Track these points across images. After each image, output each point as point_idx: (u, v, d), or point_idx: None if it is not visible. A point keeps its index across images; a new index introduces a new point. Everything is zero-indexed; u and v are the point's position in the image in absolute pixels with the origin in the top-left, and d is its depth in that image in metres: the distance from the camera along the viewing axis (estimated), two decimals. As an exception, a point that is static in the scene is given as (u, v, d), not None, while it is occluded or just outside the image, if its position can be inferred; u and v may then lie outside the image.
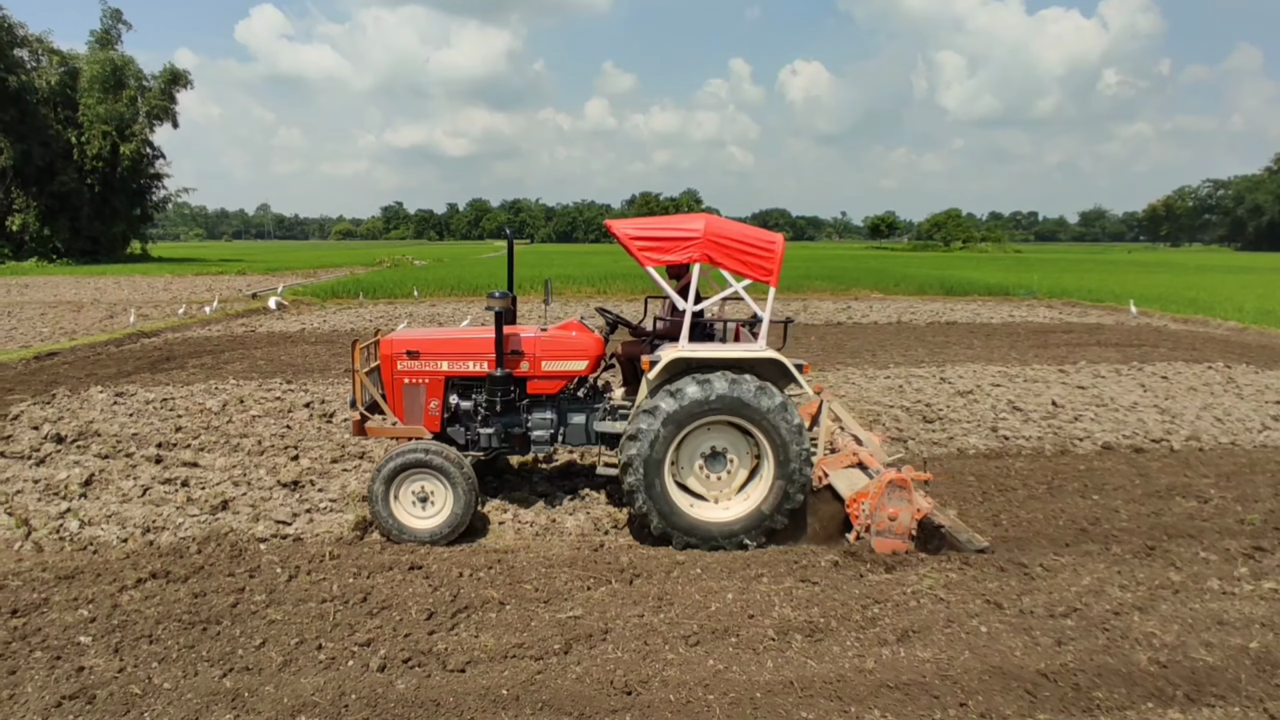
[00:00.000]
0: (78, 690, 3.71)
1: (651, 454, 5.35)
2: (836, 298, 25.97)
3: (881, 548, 5.23)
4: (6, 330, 17.12)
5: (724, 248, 5.44)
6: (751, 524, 5.51)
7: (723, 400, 5.30)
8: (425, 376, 6.03)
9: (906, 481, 5.19)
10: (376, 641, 4.19)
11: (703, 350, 5.50)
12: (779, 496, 5.46)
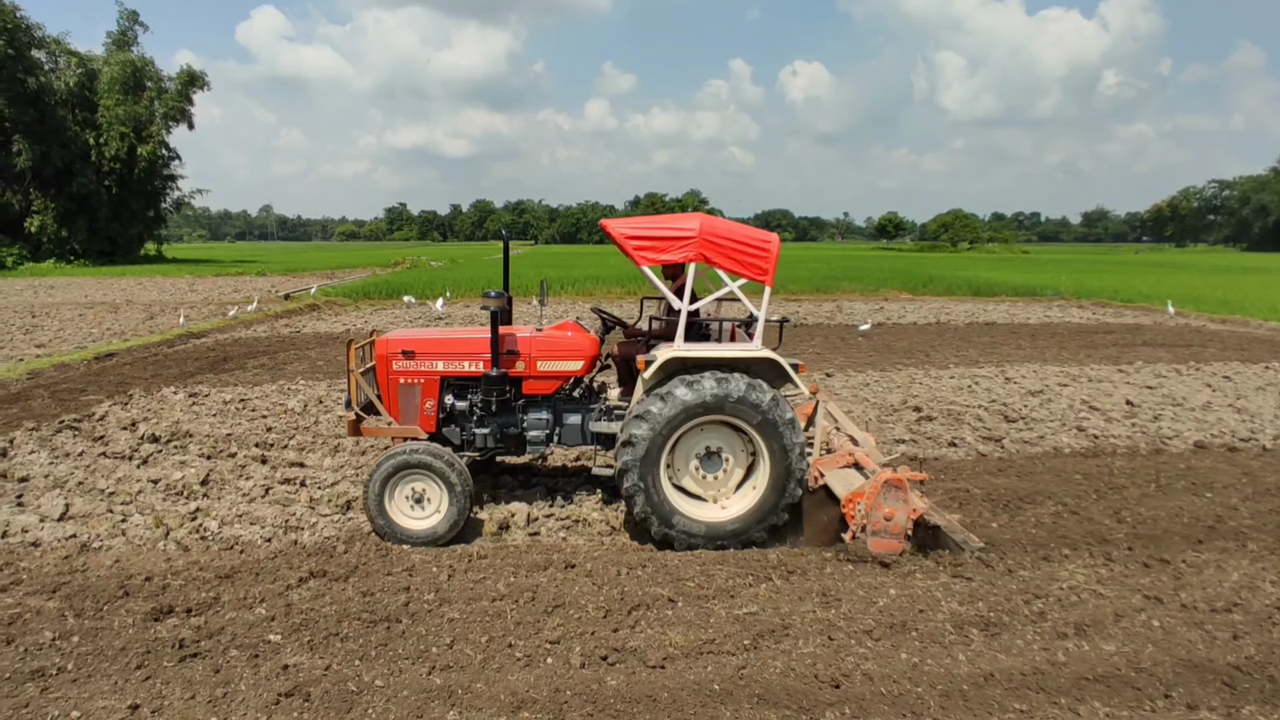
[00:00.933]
0: (292, 688, 3.73)
1: (647, 458, 5.33)
2: (867, 298, 26.00)
3: (877, 548, 5.18)
4: (54, 331, 17.14)
5: (719, 247, 5.42)
6: (751, 522, 5.49)
7: (714, 399, 5.28)
8: (420, 376, 6.03)
9: (902, 481, 5.15)
10: (566, 639, 4.22)
11: (698, 350, 5.49)
12: (777, 493, 5.44)
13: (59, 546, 5.52)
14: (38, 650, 4.10)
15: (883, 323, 19.46)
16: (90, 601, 4.64)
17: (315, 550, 5.42)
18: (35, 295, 27.35)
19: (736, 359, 5.48)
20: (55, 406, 9.96)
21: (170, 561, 5.26)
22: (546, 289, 6.97)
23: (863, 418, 8.86)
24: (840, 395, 10.53)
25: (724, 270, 5.52)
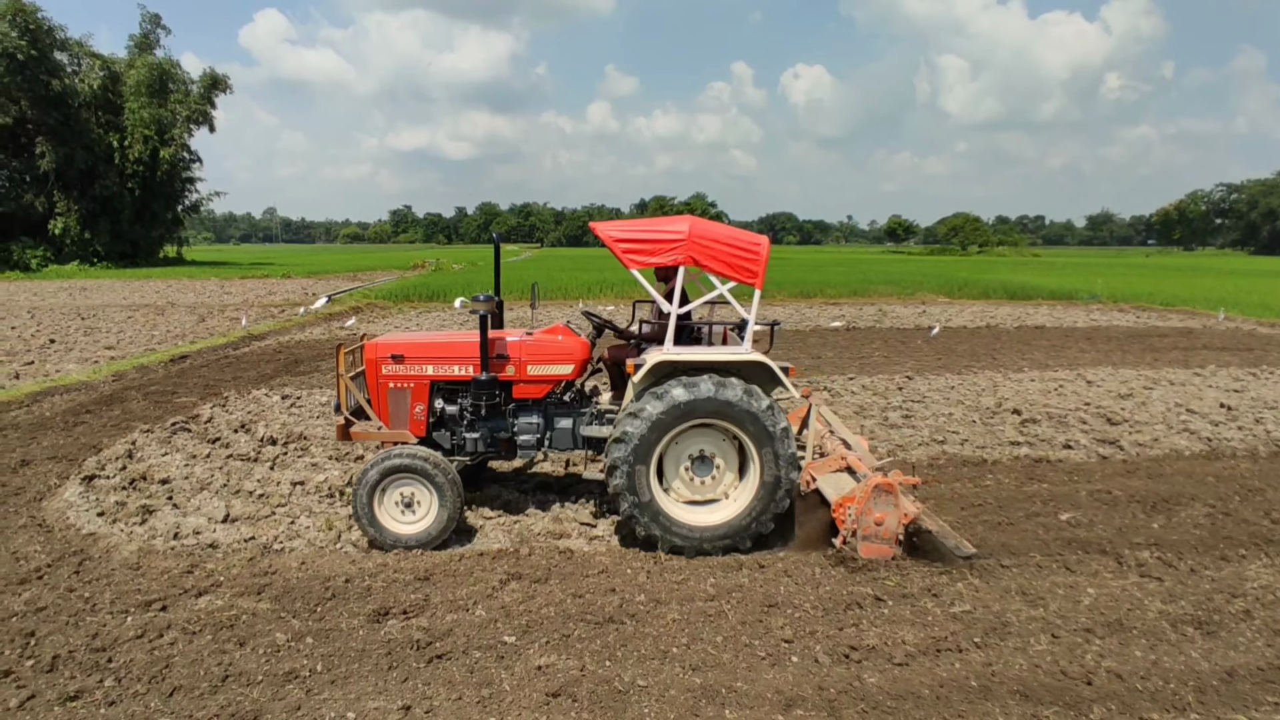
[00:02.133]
0: (557, 688, 3.77)
1: (637, 457, 5.28)
2: (905, 301, 26.06)
3: (868, 553, 5.13)
4: (114, 334, 17.19)
5: (708, 250, 5.38)
6: (737, 529, 5.42)
7: (710, 403, 5.24)
8: (410, 381, 5.99)
9: (893, 486, 5.08)
10: (800, 638, 4.26)
11: (688, 353, 5.45)
12: (765, 501, 5.37)
13: (240, 548, 5.57)
14: (276, 652, 4.14)
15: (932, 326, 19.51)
16: (301, 603, 4.68)
17: (498, 554, 5.44)
18: (71, 297, 27.41)
19: (727, 362, 5.44)
20: (154, 408, 10.02)
21: (357, 564, 5.29)
22: (538, 293, 6.90)
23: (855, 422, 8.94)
24: (929, 399, 10.58)
25: (713, 273, 5.48)
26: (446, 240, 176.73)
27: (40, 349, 14.86)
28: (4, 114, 40.35)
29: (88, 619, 4.49)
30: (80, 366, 12.97)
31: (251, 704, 3.66)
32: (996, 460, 7.83)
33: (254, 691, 3.76)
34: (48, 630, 4.35)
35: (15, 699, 3.71)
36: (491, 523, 6.10)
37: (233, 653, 4.12)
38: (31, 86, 40.91)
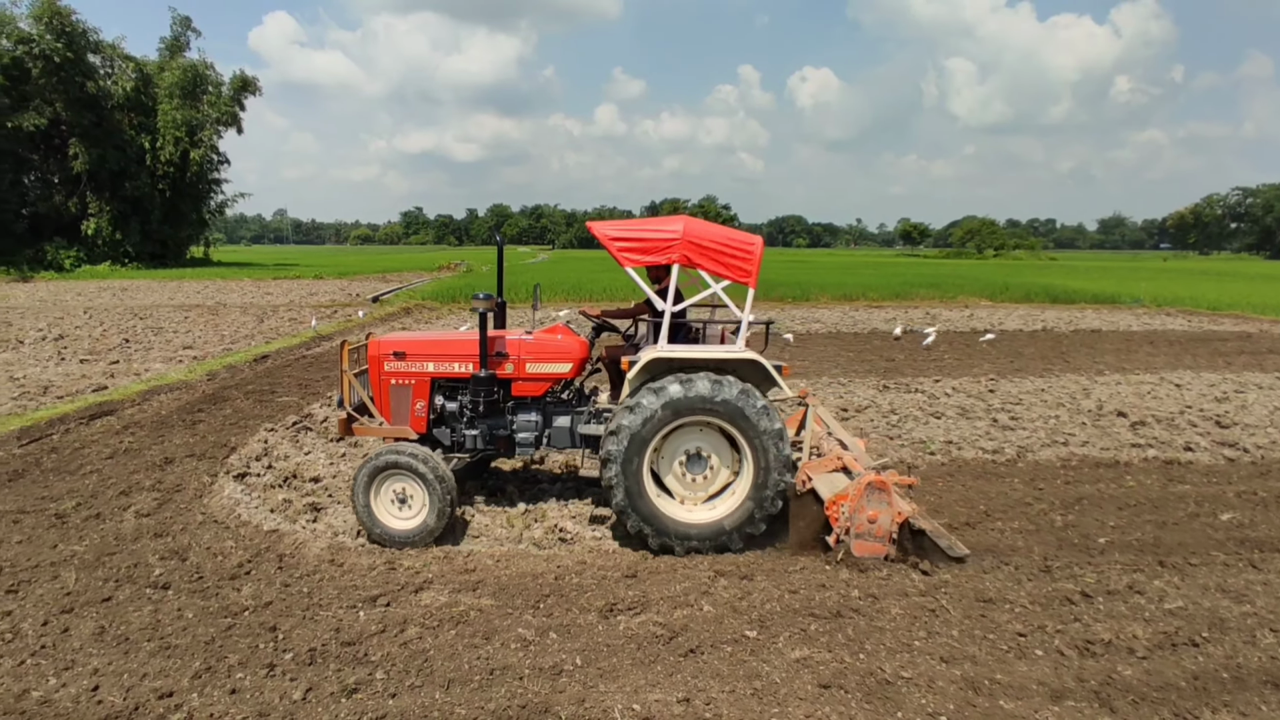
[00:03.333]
0: (827, 680, 3.84)
1: (630, 451, 5.32)
2: (948, 304, 26.06)
3: (860, 551, 5.16)
4: (182, 333, 17.34)
5: (703, 249, 5.41)
6: (729, 527, 5.44)
7: (705, 401, 5.26)
8: (411, 378, 6.08)
9: (886, 484, 5.09)
10: (1030, 632, 4.33)
11: (681, 351, 5.48)
12: (758, 500, 5.39)
13: (430, 546, 5.63)
14: (527, 646, 4.21)
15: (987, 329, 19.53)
16: (523, 600, 4.75)
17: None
18: (115, 297, 27.59)
19: (721, 360, 5.46)
20: (260, 407, 10.13)
21: (553, 561, 5.36)
22: (540, 293, 7.06)
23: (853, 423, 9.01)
24: (1025, 401, 10.61)
25: (707, 272, 5.51)
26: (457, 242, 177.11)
27: (120, 348, 14.99)
28: (39, 115, 40.57)
29: (322, 614, 4.57)
30: (167, 366, 13.09)
31: (534, 696, 3.73)
32: (1128, 461, 7.86)
33: (531, 684, 3.83)
34: (289, 624, 4.43)
35: (297, 691, 3.78)
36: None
37: (483, 647, 4.19)
38: (66, 88, 41.14)
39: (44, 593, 4.86)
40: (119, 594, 4.84)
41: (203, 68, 46.70)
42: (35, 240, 42.69)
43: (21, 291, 29.99)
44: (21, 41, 39.62)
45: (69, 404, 9.88)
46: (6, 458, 7.70)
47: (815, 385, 11.70)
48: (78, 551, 5.48)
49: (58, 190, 44.77)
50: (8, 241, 40.62)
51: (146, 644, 4.25)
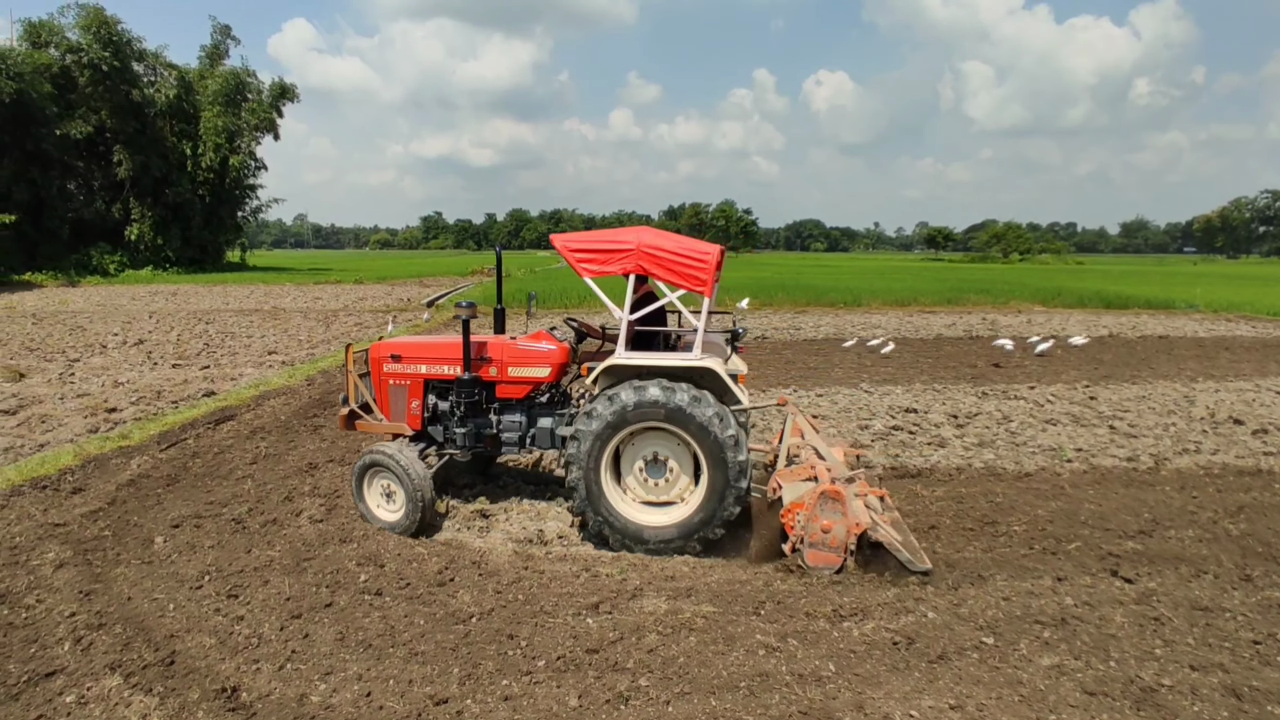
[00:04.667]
0: (1093, 687, 3.86)
1: (589, 455, 5.53)
2: (1002, 310, 25.94)
3: (813, 560, 5.11)
4: (256, 338, 17.55)
5: (656, 259, 5.54)
6: (686, 532, 5.55)
7: (656, 407, 5.38)
8: (407, 379, 6.47)
9: (839, 493, 5.04)
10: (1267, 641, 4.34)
11: (638, 358, 5.61)
12: (714, 506, 5.46)
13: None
14: (774, 652, 4.24)
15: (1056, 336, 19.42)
16: (740, 606, 4.79)
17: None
18: (168, 302, 28.00)
19: (675, 368, 5.55)
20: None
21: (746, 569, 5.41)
22: (534, 301, 7.11)
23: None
24: (1131, 409, 10.54)
25: (662, 282, 5.65)
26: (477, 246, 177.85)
27: (204, 353, 15.20)
28: (86, 123, 41.19)
29: (551, 621, 4.63)
30: (259, 370, 13.27)
31: (810, 702, 3.77)
32: (1269, 470, 7.80)
33: (801, 690, 3.87)
34: (526, 632, 4.49)
35: (571, 698, 3.84)
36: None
37: (730, 653, 4.23)
38: (112, 96, 41.80)
39: (264, 597, 4.95)
40: (338, 599, 4.92)
41: (245, 75, 47.34)
42: (80, 246, 43.29)
43: (75, 296, 30.46)
44: (70, 51, 40.30)
45: (191, 409, 10.04)
46: (156, 462, 7.83)
47: (913, 391, 11.68)
48: (274, 557, 5.57)
49: (100, 196, 45.43)
50: (54, 247, 41.22)
51: (391, 649, 4.32)
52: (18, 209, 36.37)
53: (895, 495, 6.94)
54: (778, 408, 6.55)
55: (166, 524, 6.22)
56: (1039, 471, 7.65)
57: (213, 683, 3.99)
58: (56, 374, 12.75)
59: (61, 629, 4.55)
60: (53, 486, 7.01)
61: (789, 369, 14.05)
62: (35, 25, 41.09)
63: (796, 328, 20.70)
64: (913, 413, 10.17)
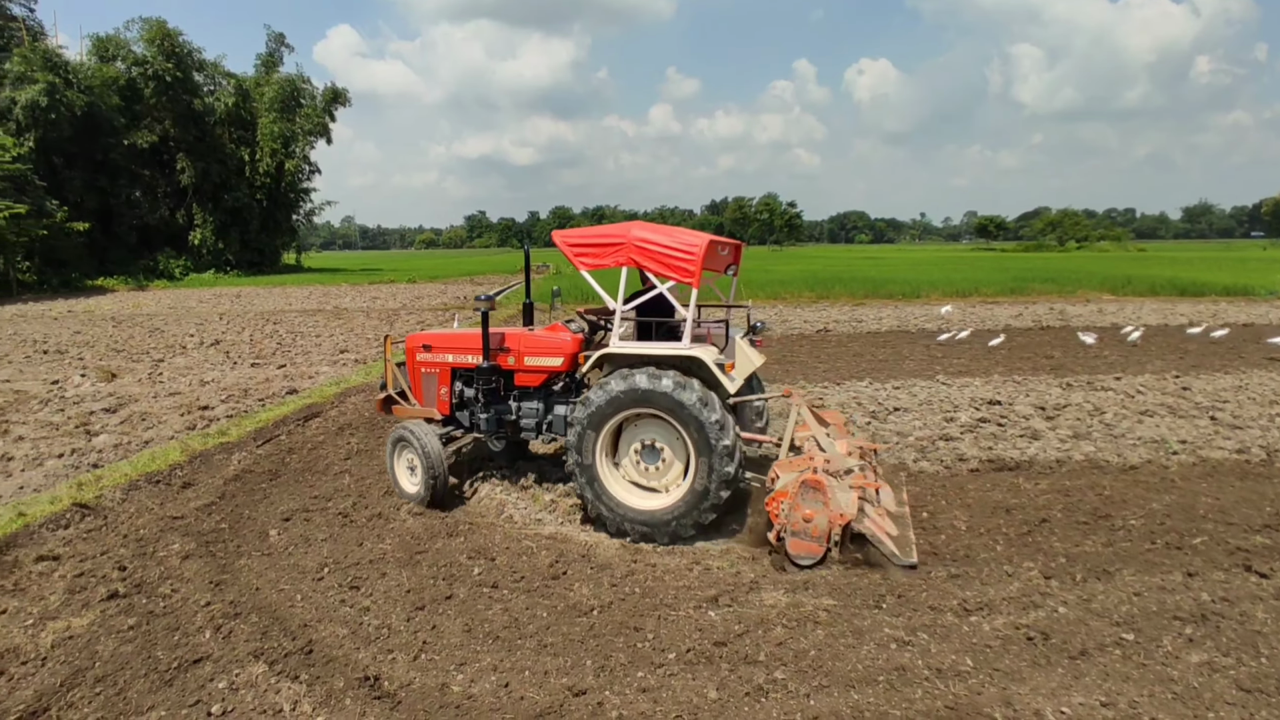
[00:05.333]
0: (1247, 684, 3.73)
1: (585, 441, 5.75)
2: (1069, 299, 25.23)
3: (794, 549, 5.11)
4: (325, 337, 17.99)
5: (647, 252, 5.70)
6: (678, 514, 5.62)
7: (643, 394, 5.53)
8: (436, 367, 6.97)
9: (821, 483, 5.03)
10: None
11: (628, 347, 5.83)
12: (702, 491, 5.53)
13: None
14: (906, 646, 4.20)
15: (1140, 325, 18.81)
16: (860, 600, 4.75)
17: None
18: (234, 304, 28.85)
19: (664, 356, 5.72)
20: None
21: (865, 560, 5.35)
22: (559, 296, 7.64)
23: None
24: (1231, 400, 10.14)
25: (652, 274, 5.78)
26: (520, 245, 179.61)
27: (280, 352, 15.64)
28: (151, 133, 42.70)
29: (673, 614, 4.65)
30: (334, 369, 13.59)
31: (955, 697, 3.71)
32: (1394, 462, 7.43)
33: (943, 685, 3.81)
34: (650, 624, 4.51)
35: (710, 690, 3.84)
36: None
37: (861, 646, 4.20)
38: (174, 106, 43.26)
39: (385, 589, 5.06)
40: (456, 592, 5.01)
41: (299, 81, 48.55)
42: (146, 251, 44.94)
43: (146, 299, 31.62)
44: (136, 64, 41.81)
45: (279, 406, 10.33)
46: (256, 458, 8.08)
47: (992, 383, 11.42)
48: (387, 550, 5.70)
49: (164, 203, 47.06)
50: (123, 253, 42.85)
51: (520, 641, 4.38)
52: (89, 216, 37.84)
53: (996, 488, 6.84)
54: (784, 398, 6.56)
55: (277, 517, 6.41)
56: (1144, 464, 7.41)
57: (353, 671, 4.09)
58: (145, 374, 13.25)
59: (200, 618, 4.72)
60: (165, 481, 7.28)
61: (858, 361, 13.87)
62: (103, 40, 42.73)
63: (858, 320, 20.42)
64: (997, 404, 9.94)
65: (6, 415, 10.03)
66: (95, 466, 7.73)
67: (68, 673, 4.13)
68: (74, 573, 5.34)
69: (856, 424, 8.97)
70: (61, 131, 37.56)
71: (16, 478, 7.39)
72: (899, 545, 5.19)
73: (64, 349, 16.66)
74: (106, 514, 6.46)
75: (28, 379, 12.89)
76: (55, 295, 33.42)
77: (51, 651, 4.35)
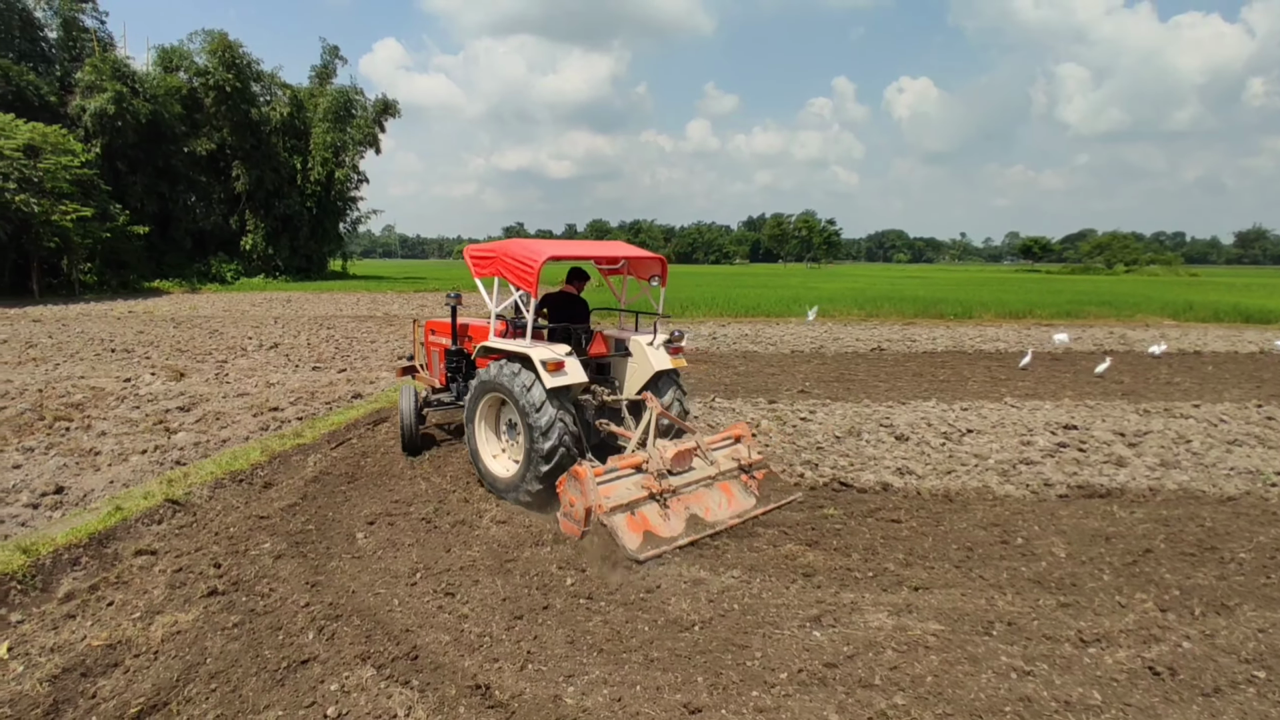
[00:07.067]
0: None
1: (469, 418, 7.11)
2: (1127, 324, 24.62)
3: (564, 528, 5.97)
4: (381, 343, 18.22)
5: (506, 264, 6.80)
6: (514, 484, 6.62)
7: (491, 382, 6.70)
8: (437, 346, 8.86)
9: (580, 474, 5.74)
10: None
11: (496, 343, 7.00)
12: (526, 464, 6.44)
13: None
14: (1027, 677, 4.06)
15: (1197, 351, 18.27)
16: (969, 625, 4.62)
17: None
18: (286, 308, 29.38)
19: (512, 352, 6.73)
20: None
21: (971, 585, 5.21)
22: (456, 298, 8.73)
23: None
24: None
25: (510, 283, 6.86)
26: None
27: (339, 356, 15.88)
28: (209, 141, 43.91)
29: (776, 633, 4.56)
30: (394, 376, 13.73)
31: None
32: None
33: (1078, 718, 3.67)
34: (755, 642, 4.43)
35: (831, 712, 3.75)
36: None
37: (979, 674, 4.07)
38: (232, 115, 44.43)
39: (480, 597, 5.05)
40: (553, 602, 4.97)
41: (353, 93, 49.60)
42: (200, 255, 46.10)
43: (201, 301, 32.40)
44: (198, 74, 43.12)
45: (348, 410, 10.46)
46: (332, 460, 8.17)
47: (1063, 406, 11.13)
48: (476, 557, 5.69)
49: (218, 209, 48.27)
50: (178, 256, 43.98)
51: (625, 655, 4.32)
52: (148, 221, 38.94)
53: (1090, 516, 6.66)
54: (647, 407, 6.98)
55: (362, 520, 6.46)
56: (1243, 496, 7.14)
57: (462, 679, 4.07)
58: (211, 374, 13.52)
59: (300, 618, 4.74)
60: (247, 480, 7.39)
61: (919, 381, 13.65)
62: (168, 51, 44.12)
63: (911, 339, 20.13)
64: (1074, 429, 9.68)
65: (87, 411, 10.29)
66: (179, 463, 7.88)
67: (181, 667, 4.18)
68: (173, 568, 5.43)
69: (930, 445, 8.80)
70: (126, 138, 38.78)
71: (105, 472, 7.55)
72: (629, 541, 5.59)
73: (130, 348, 17.10)
74: (196, 510, 6.57)
75: (100, 376, 13.24)
76: (115, 296, 34.41)
77: (163, 645, 4.40)
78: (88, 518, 6.15)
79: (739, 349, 18.33)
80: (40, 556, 5.30)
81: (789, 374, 14.50)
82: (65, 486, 7.05)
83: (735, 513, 6.35)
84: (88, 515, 6.24)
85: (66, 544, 5.52)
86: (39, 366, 14.32)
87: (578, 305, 7.79)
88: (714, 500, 6.32)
